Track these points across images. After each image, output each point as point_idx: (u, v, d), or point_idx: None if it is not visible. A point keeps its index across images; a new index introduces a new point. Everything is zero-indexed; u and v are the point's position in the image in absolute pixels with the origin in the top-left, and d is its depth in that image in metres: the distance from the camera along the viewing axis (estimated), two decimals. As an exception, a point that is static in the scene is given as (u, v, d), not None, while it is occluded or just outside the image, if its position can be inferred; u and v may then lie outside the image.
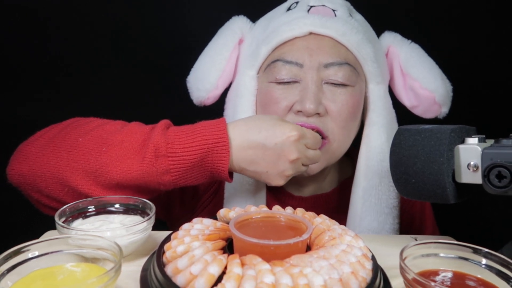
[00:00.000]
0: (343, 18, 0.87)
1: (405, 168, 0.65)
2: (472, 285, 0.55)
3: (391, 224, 0.89)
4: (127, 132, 0.74)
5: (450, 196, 0.62)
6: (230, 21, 0.97)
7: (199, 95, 0.92)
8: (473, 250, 0.58)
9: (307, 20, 0.85)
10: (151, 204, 0.68)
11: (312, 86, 0.83)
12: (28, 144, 0.76)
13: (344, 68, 0.84)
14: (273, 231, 0.60)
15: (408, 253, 0.57)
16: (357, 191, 0.90)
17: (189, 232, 0.58)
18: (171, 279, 0.51)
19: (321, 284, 0.47)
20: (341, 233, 0.60)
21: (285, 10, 0.91)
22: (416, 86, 0.91)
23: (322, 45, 0.85)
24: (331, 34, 0.85)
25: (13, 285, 0.51)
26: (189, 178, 0.74)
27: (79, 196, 0.72)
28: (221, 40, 0.93)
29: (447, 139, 0.61)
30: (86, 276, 0.53)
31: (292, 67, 0.84)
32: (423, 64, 0.91)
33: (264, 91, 0.88)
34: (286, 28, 0.86)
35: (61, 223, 0.62)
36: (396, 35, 0.97)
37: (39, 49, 1.32)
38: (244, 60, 0.93)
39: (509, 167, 0.56)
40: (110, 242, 0.55)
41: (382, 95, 0.91)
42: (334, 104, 0.84)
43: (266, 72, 0.88)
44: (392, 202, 0.89)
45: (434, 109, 0.92)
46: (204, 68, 0.92)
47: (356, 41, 0.86)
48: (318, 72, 0.84)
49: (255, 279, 0.47)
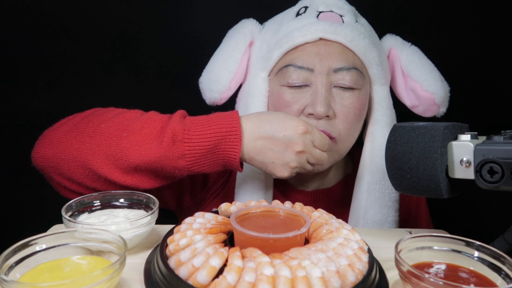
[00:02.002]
0: (351, 24, 0.88)
1: (400, 163, 0.65)
2: (465, 277, 0.55)
3: (393, 217, 0.90)
4: (146, 119, 0.76)
5: (443, 191, 0.62)
6: (240, 23, 0.96)
7: (212, 96, 0.92)
8: (466, 243, 0.58)
9: (318, 26, 0.86)
10: (154, 199, 0.68)
11: (322, 90, 0.84)
12: (53, 130, 0.78)
13: (352, 72, 0.86)
14: (273, 225, 0.60)
15: (403, 246, 0.57)
16: (361, 185, 0.91)
17: (191, 225, 0.58)
18: (174, 271, 0.51)
19: (319, 276, 0.47)
20: (338, 226, 0.60)
21: (294, 14, 0.91)
22: (417, 88, 0.92)
23: (332, 51, 0.86)
24: (340, 40, 0.86)
25: (21, 277, 0.51)
26: (202, 165, 0.75)
27: (98, 179, 0.75)
28: (233, 43, 0.93)
29: (441, 136, 0.61)
30: (92, 268, 0.53)
31: (303, 72, 0.85)
32: (423, 67, 0.93)
33: (276, 93, 0.88)
34: (298, 34, 0.86)
35: (67, 217, 0.62)
36: (397, 38, 0.98)
37: (52, 49, 1.31)
38: (255, 62, 0.93)
39: (501, 163, 0.56)
40: (115, 235, 0.55)
41: (385, 95, 0.93)
42: (342, 107, 0.86)
43: (278, 75, 0.88)
44: (394, 196, 0.91)
45: (433, 109, 0.94)
46: (217, 70, 0.92)
47: (363, 46, 0.87)
48: (327, 76, 0.85)
49: (255, 271, 0.47)
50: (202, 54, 0.96)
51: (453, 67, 0.96)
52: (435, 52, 0.97)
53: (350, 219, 0.92)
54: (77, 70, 1.33)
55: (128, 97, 1.35)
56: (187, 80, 0.95)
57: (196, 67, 0.96)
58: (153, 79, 1.36)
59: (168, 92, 1.35)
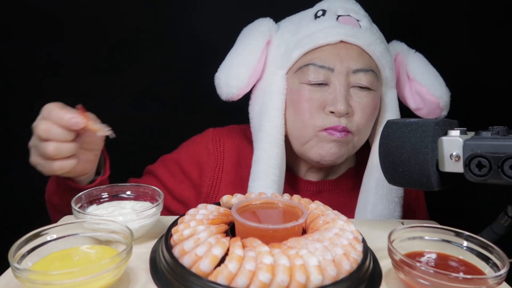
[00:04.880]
0: (368, 29, 0.89)
1: (393, 158, 0.65)
2: (454, 265, 0.55)
3: (399, 212, 0.91)
4: None
5: (434, 184, 0.62)
6: (257, 22, 0.96)
7: (229, 91, 0.91)
8: (455, 234, 0.58)
9: (339, 29, 0.86)
10: (159, 191, 0.68)
11: (342, 89, 0.84)
12: None
13: (369, 74, 0.86)
14: (272, 216, 0.60)
15: (396, 236, 0.57)
16: (370, 181, 0.91)
17: (194, 216, 0.58)
18: (178, 260, 0.51)
19: (315, 264, 0.47)
20: (334, 217, 0.60)
21: (313, 16, 0.91)
22: (424, 92, 0.93)
23: (351, 53, 0.86)
24: (359, 44, 0.87)
25: (33, 265, 0.51)
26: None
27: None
28: (251, 40, 0.92)
29: (432, 132, 0.61)
30: (100, 257, 0.54)
31: (324, 71, 0.85)
32: (429, 72, 0.94)
33: (295, 90, 0.88)
34: (320, 35, 0.86)
35: (77, 208, 0.61)
36: (403, 45, 0.98)
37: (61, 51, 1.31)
38: (274, 60, 0.92)
39: (488, 157, 0.56)
40: (122, 226, 0.55)
41: (394, 98, 0.94)
42: (359, 105, 0.87)
43: (298, 73, 0.88)
44: (400, 193, 0.91)
45: (436, 112, 0.95)
46: (236, 65, 0.90)
47: (379, 50, 0.88)
48: (347, 76, 0.85)
49: (255, 260, 0.47)
50: (205, 54, 0.96)
51: (444, 68, 0.96)
52: (427, 53, 0.97)
53: (358, 212, 0.93)
54: (82, 71, 1.32)
55: (133, 96, 1.35)
56: (191, 79, 0.94)
57: (200, 67, 0.95)
58: (158, 78, 1.35)
59: (172, 92, 1.35)
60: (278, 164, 0.88)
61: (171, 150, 1.04)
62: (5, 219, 1.38)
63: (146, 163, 1.06)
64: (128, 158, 1.18)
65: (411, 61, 0.95)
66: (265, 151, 0.88)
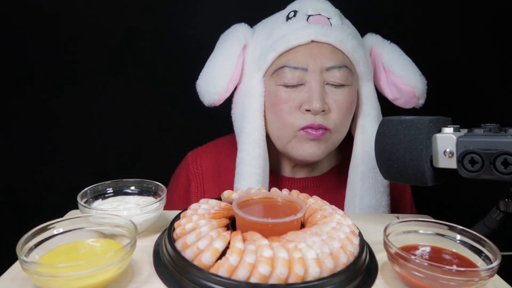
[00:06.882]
0: (339, 27, 0.88)
1: (388, 154, 0.65)
2: (448, 258, 0.55)
3: (386, 201, 0.91)
4: None
5: (428, 179, 0.62)
6: (232, 28, 0.95)
7: (210, 97, 0.91)
8: (449, 227, 0.58)
9: (310, 30, 0.86)
10: (163, 187, 0.68)
11: (317, 87, 0.84)
12: None
13: (343, 70, 0.86)
14: (271, 210, 0.60)
15: (391, 230, 0.57)
16: (355, 174, 0.91)
17: (196, 211, 0.58)
18: (180, 253, 0.51)
19: (313, 257, 0.47)
20: (331, 212, 0.60)
21: (285, 18, 0.90)
22: (399, 82, 0.92)
23: (323, 51, 0.86)
24: (330, 42, 0.86)
25: (40, 258, 0.51)
26: None
27: None
28: (228, 46, 0.92)
29: (426, 129, 0.61)
30: (105, 250, 0.53)
31: (298, 72, 0.85)
32: (403, 63, 0.93)
33: (273, 92, 0.88)
34: (291, 37, 0.86)
35: (82, 203, 0.61)
36: (378, 37, 0.97)
37: (61, 51, 1.31)
38: (250, 64, 0.92)
39: (481, 153, 0.56)
40: (126, 220, 0.55)
41: (372, 90, 0.93)
42: (335, 102, 0.86)
43: (274, 76, 0.88)
44: (386, 182, 0.91)
45: (413, 101, 0.94)
46: (215, 72, 0.90)
47: (351, 46, 0.87)
48: (321, 74, 0.85)
49: (255, 253, 0.47)
50: (206, 54, 0.95)
51: (437, 67, 0.96)
52: (417, 51, 0.97)
53: (347, 205, 0.92)
54: (82, 71, 1.32)
55: (133, 98, 1.34)
56: (189, 81, 0.94)
57: (200, 67, 0.95)
58: (157, 80, 1.34)
59: (171, 94, 1.34)
60: (261, 164, 0.88)
61: (172, 150, 1.03)
62: (13, 214, 1.38)
63: (150, 163, 1.06)
64: (128, 158, 1.19)
65: (386, 53, 0.94)
66: (248, 152, 0.88)
